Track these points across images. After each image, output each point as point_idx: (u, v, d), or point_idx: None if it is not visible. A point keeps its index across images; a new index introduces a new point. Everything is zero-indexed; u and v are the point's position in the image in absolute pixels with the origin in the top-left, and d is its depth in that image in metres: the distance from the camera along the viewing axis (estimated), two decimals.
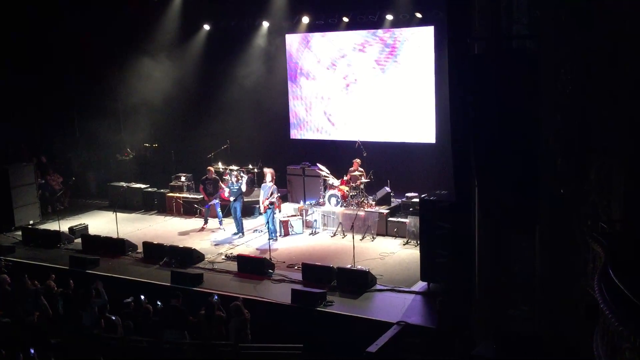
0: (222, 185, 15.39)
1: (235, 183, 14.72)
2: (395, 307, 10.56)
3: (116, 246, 13.89)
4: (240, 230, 14.73)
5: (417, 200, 13.02)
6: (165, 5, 17.94)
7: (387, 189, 15.13)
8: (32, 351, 8.39)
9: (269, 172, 14.36)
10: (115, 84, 19.47)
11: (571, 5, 7.20)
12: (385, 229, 14.29)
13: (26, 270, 12.12)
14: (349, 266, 11.89)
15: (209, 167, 15.85)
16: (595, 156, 6.95)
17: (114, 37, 18.41)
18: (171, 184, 17.52)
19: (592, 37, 6.86)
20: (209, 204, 15.39)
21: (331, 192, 15.03)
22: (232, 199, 14.67)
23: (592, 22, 6.84)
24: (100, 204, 18.36)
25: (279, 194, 14.52)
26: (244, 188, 14.76)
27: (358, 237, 13.73)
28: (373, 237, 14.18)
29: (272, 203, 13.99)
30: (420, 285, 11.35)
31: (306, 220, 15.01)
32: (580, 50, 7.07)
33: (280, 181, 15.47)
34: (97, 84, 19.37)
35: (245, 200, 16.04)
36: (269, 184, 14.12)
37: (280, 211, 14.91)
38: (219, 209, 15.42)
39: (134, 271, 12.84)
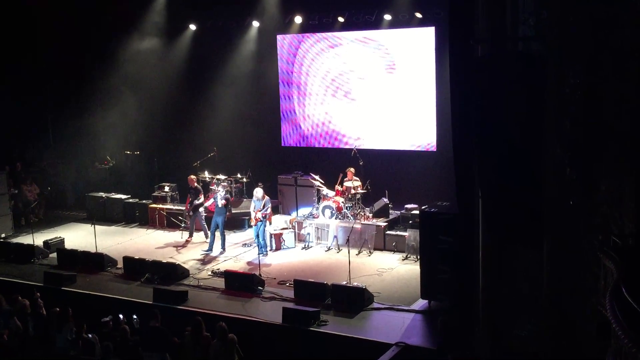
0: (204, 196, 15.30)
1: (224, 194, 14.64)
2: (394, 327, 10.53)
3: (94, 261, 13.82)
4: (221, 245, 14.54)
5: (417, 212, 13.02)
6: (148, 3, 17.97)
7: (385, 200, 15.14)
8: None
9: (259, 192, 14.16)
10: (93, 87, 19.44)
11: (580, 5, 7.24)
12: (383, 243, 14.29)
13: None
14: (344, 283, 11.87)
15: (189, 176, 15.68)
16: (606, 165, 6.97)
17: (93, 36, 18.42)
18: (154, 194, 17.45)
19: (603, 39, 6.90)
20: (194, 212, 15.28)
21: (325, 203, 15.02)
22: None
23: (603, 23, 6.89)
24: (77, 215, 18.29)
25: (270, 206, 14.47)
26: (218, 203, 14.46)
27: (354, 251, 13.73)
28: (370, 252, 14.16)
29: (264, 216, 13.96)
30: (421, 304, 11.34)
31: (298, 233, 14.99)
32: (590, 53, 7.11)
33: (271, 191, 15.44)
34: (74, 86, 19.34)
35: (233, 211, 16.01)
36: (260, 197, 14.04)
37: (271, 224, 14.88)
38: (203, 222, 15.36)
39: (113, 288, 12.77)
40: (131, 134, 19.34)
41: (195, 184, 15.51)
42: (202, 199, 15.19)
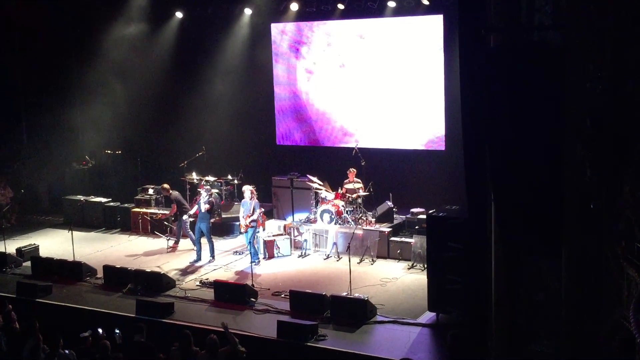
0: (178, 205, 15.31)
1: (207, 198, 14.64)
2: (399, 341, 10.57)
3: (72, 270, 13.83)
4: (210, 253, 14.57)
5: (424, 216, 13.05)
6: None
7: (389, 203, 15.16)
8: None
9: (247, 189, 14.21)
10: (71, 78, 19.41)
11: None
12: (387, 251, 14.31)
13: None
14: (344, 294, 11.89)
15: (163, 185, 15.67)
16: (630, 167, 6.98)
17: (71, 24, 18.40)
18: (137, 197, 17.48)
19: (629, 28, 6.91)
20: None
21: (324, 207, 15.03)
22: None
23: (629, 10, 6.90)
24: (53, 220, 18.31)
25: (262, 210, 14.48)
26: (202, 208, 14.46)
27: (355, 260, 13.76)
28: (373, 260, 14.19)
29: (254, 221, 13.96)
30: (428, 317, 11.37)
31: (295, 240, 15.01)
32: (614, 43, 7.12)
33: (265, 194, 15.45)
34: (50, 77, 19.30)
35: (223, 216, 16.03)
36: (249, 201, 14.05)
37: (264, 230, 14.88)
38: (189, 231, 15.33)
39: (92, 300, 12.79)
40: (112, 131, 19.35)
41: (171, 192, 15.47)
42: (174, 209, 15.25)
